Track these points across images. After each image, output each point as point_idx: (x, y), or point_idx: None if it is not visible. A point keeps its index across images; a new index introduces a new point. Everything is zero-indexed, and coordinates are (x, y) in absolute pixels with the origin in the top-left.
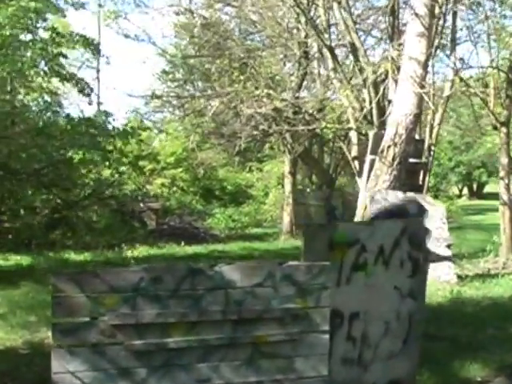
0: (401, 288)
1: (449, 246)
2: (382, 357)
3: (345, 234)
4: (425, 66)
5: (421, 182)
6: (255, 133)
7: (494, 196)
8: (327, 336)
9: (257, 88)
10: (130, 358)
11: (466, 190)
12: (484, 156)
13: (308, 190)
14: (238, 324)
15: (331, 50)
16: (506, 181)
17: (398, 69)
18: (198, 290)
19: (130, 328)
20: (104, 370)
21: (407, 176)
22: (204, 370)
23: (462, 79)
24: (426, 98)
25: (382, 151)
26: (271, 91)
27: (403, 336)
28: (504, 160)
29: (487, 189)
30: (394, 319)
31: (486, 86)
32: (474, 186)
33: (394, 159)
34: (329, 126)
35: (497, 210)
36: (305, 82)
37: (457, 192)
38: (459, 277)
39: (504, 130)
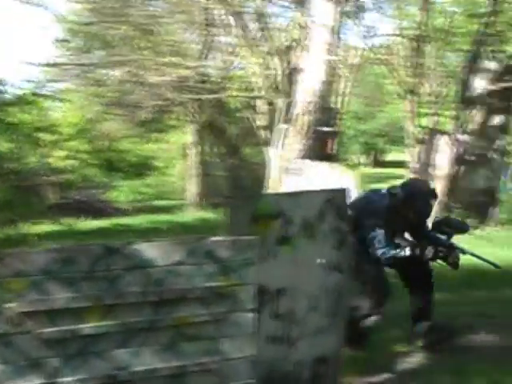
0: (327, 261)
1: None
2: (309, 333)
3: (269, 206)
4: (335, 33)
5: (330, 151)
6: (159, 102)
7: (395, 164)
8: (253, 314)
9: (160, 55)
10: (41, 347)
11: (367, 159)
12: (386, 125)
13: (216, 160)
14: (158, 305)
15: (237, 16)
16: (413, 148)
17: (308, 36)
18: (115, 271)
19: (41, 314)
20: (12, 363)
21: (318, 145)
22: (123, 356)
23: (371, 48)
24: (336, 65)
25: (295, 120)
26: (176, 59)
27: (330, 311)
28: (410, 128)
29: (389, 157)
30: (321, 294)
31: (393, 54)
32: (376, 155)
33: (306, 128)
34: (235, 94)
35: (398, 177)
36: (210, 50)
37: (358, 161)
38: None
39: (411, 97)
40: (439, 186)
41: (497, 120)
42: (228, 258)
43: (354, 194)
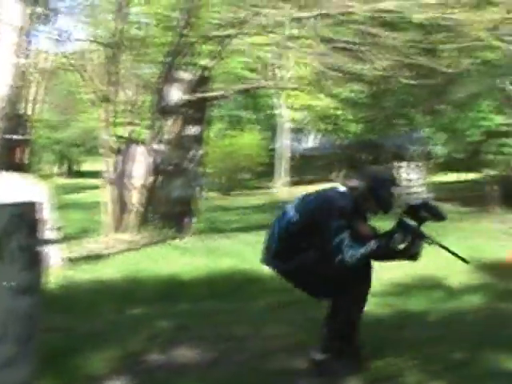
0: (16, 284)
1: (58, 229)
2: None
3: None
4: (23, 35)
5: (19, 160)
6: None
7: (91, 174)
8: None
9: None
10: None
11: (61, 169)
12: (81, 134)
13: None
14: None
15: None
16: (108, 158)
17: None
18: None
19: None
20: None
21: (6, 154)
22: None
23: (64, 53)
24: (26, 69)
25: None
26: None
27: (21, 338)
28: (105, 137)
29: (84, 167)
30: (10, 320)
31: (87, 61)
32: (70, 165)
33: None
34: None
35: (95, 187)
36: None
37: (52, 171)
38: (69, 260)
39: (105, 106)
40: (136, 196)
41: (192, 130)
42: None
43: (46, 206)
